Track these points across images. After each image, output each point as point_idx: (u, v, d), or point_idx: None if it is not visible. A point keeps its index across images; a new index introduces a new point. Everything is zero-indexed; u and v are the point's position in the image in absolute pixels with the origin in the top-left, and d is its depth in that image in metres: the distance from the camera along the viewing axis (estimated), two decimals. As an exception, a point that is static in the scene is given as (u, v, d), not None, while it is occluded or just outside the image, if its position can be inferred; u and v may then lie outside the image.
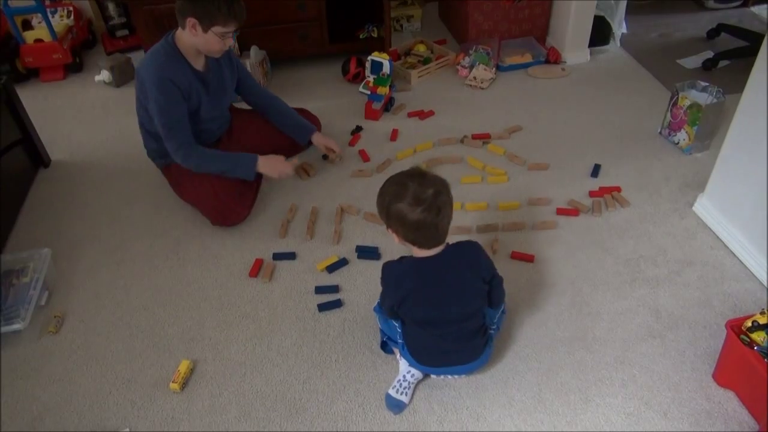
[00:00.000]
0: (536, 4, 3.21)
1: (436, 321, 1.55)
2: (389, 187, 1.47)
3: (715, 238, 2.12)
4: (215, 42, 2.01)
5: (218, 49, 2.06)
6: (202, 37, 1.99)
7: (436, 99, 2.96)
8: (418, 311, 1.54)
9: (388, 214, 1.45)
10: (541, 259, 2.06)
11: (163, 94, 2.03)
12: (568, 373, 1.71)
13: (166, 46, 2.06)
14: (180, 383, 1.70)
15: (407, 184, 1.42)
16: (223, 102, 2.30)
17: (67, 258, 2.16)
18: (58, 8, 3.39)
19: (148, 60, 2.07)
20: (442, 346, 1.60)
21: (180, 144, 2.12)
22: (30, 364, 1.81)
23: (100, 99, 3.11)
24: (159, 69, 2.02)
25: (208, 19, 1.94)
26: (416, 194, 1.40)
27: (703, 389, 1.66)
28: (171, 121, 2.08)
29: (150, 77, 2.03)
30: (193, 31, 1.98)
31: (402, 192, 1.41)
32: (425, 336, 1.58)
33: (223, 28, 1.97)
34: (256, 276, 2.05)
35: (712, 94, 2.45)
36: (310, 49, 3.17)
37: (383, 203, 1.46)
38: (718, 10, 3.77)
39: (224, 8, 1.93)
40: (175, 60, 2.06)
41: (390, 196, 1.44)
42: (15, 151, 2.45)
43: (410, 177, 1.44)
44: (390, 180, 1.49)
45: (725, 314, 1.84)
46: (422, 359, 1.62)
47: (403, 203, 1.41)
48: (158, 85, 2.02)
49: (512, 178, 2.43)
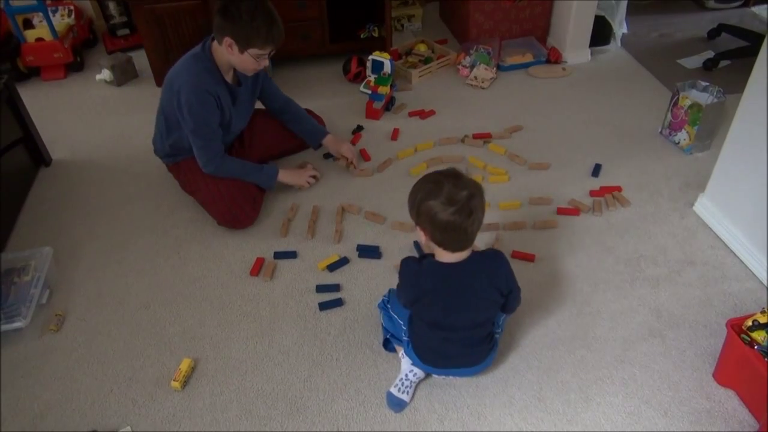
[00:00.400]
0: (537, 4, 3.22)
1: (446, 326, 1.55)
2: (423, 184, 1.44)
3: (715, 237, 2.13)
4: (250, 62, 2.01)
5: (252, 69, 2.06)
6: (238, 57, 1.99)
7: (437, 98, 2.96)
8: (429, 313, 1.53)
9: (419, 211, 1.43)
10: (542, 259, 2.07)
11: (201, 105, 2.03)
12: (568, 372, 1.71)
13: (203, 57, 2.04)
14: (181, 382, 1.70)
15: (442, 183, 1.39)
16: (245, 111, 2.31)
17: (69, 256, 2.16)
18: (59, 7, 3.39)
19: (183, 69, 2.05)
20: (448, 350, 1.60)
21: (213, 155, 2.13)
22: (31, 363, 1.81)
23: (101, 98, 3.11)
24: (197, 79, 2.01)
25: (246, 41, 1.93)
26: (450, 194, 1.38)
27: (703, 388, 1.66)
28: (206, 131, 2.09)
29: (187, 87, 2.01)
30: (229, 50, 1.98)
31: (436, 190, 1.39)
32: (432, 337, 1.58)
33: (260, 50, 1.97)
34: (257, 275, 2.05)
35: (713, 94, 2.45)
36: (311, 49, 3.17)
37: (415, 199, 1.43)
38: (718, 10, 3.77)
39: (263, 31, 1.92)
40: (211, 71, 2.05)
41: (423, 192, 1.41)
42: (16, 150, 2.45)
43: (446, 177, 1.42)
44: (425, 177, 1.47)
45: (726, 313, 1.84)
46: (426, 359, 1.62)
47: (435, 201, 1.38)
48: (197, 95, 2.01)
49: (513, 177, 2.43)
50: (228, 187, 2.18)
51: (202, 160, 2.15)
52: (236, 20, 1.91)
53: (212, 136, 2.11)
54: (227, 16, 1.91)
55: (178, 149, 2.25)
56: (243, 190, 2.21)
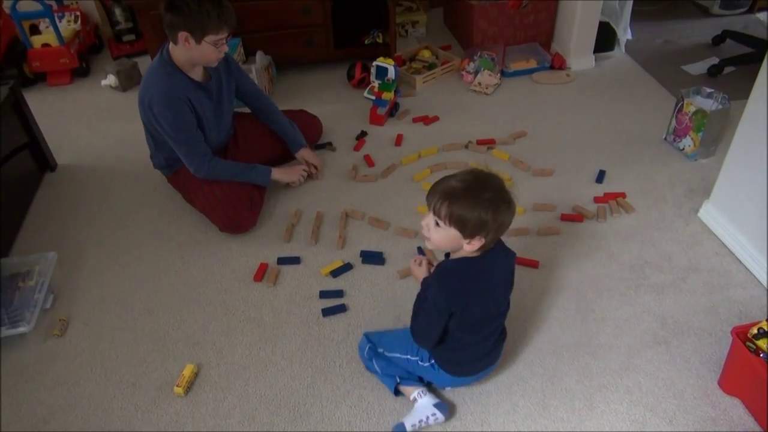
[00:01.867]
0: (541, 10, 3.22)
1: (486, 321, 1.54)
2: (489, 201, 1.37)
3: (720, 244, 2.12)
4: (210, 51, 2.00)
5: (214, 59, 2.05)
6: (197, 49, 1.98)
7: (441, 104, 2.96)
8: (476, 311, 1.49)
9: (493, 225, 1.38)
10: (546, 265, 2.06)
11: (172, 112, 2.03)
12: (572, 380, 1.71)
13: (163, 63, 2.04)
14: (184, 387, 1.70)
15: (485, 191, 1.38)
16: (227, 109, 2.30)
17: (73, 261, 2.17)
18: (66, 13, 3.42)
19: (148, 83, 2.06)
20: (483, 350, 1.59)
21: (198, 158, 2.13)
22: (35, 368, 1.82)
23: (106, 103, 3.12)
24: (162, 88, 2.02)
25: (200, 29, 1.93)
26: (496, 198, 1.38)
27: (708, 396, 1.65)
28: (186, 136, 2.09)
29: (155, 99, 2.02)
30: (186, 45, 1.97)
31: (495, 201, 1.38)
32: (470, 342, 1.55)
33: (216, 35, 1.97)
34: (260, 280, 2.05)
35: (718, 101, 2.45)
36: (316, 55, 3.18)
37: (483, 217, 1.36)
38: (723, 16, 3.77)
39: (214, 15, 1.92)
40: (175, 75, 2.05)
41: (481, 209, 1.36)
42: (22, 154, 2.46)
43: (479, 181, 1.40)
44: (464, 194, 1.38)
45: (731, 321, 1.83)
46: (460, 371, 1.61)
47: (502, 214, 1.38)
48: (166, 104, 2.02)
49: (517, 183, 2.43)
50: (224, 192, 2.18)
51: (192, 166, 2.15)
52: (185, 11, 1.90)
53: (193, 140, 2.11)
54: (175, 10, 1.91)
55: (172, 160, 2.26)
56: (239, 194, 2.21)
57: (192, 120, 2.09)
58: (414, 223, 2.24)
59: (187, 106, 2.05)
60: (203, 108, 2.14)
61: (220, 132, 2.29)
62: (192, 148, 2.12)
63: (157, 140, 2.22)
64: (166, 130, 2.07)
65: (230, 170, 2.22)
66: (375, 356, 1.68)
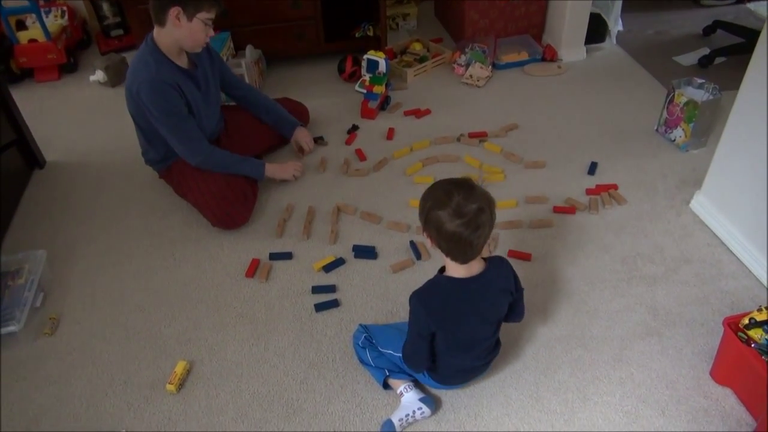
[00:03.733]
0: (532, 2, 3.21)
1: (473, 343, 1.55)
2: (434, 192, 1.41)
3: (712, 235, 2.12)
4: (199, 30, 2.00)
5: (202, 40, 2.04)
6: (187, 27, 1.97)
7: (433, 97, 2.95)
8: (455, 337, 1.51)
9: (427, 218, 1.40)
10: (539, 258, 2.06)
11: (161, 97, 2.01)
12: (565, 372, 1.71)
13: (149, 51, 2.03)
14: (176, 384, 1.69)
15: (453, 194, 1.36)
16: (213, 97, 2.28)
17: (63, 259, 2.15)
18: (52, 8, 3.38)
19: (135, 72, 2.04)
20: (473, 363, 1.60)
21: (193, 143, 2.12)
22: (25, 366, 1.80)
23: (95, 99, 3.10)
24: (150, 74, 1.99)
25: (194, 5, 1.94)
26: (459, 206, 1.34)
27: (700, 387, 1.66)
28: (178, 120, 2.07)
29: (144, 85, 2.00)
30: (176, 22, 1.96)
31: (445, 200, 1.36)
32: (457, 357, 1.56)
33: (208, 13, 1.98)
34: (252, 276, 2.04)
35: (709, 91, 2.45)
36: (306, 48, 3.16)
37: (424, 206, 1.41)
38: (713, 6, 3.78)
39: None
40: (162, 62, 2.03)
41: (432, 201, 1.39)
42: (9, 152, 2.44)
43: (458, 187, 1.38)
44: (437, 184, 1.44)
45: (722, 311, 1.84)
46: (450, 381, 1.63)
47: (443, 212, 1.35)
48: (155, 90, 2.00)
49: (509, 176, 2.42)
50: (218, 186, 2.17)
51: (186, 153, 2.13)
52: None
53: (186, 126, 2.09)
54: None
55: (165, 155, 2.24)
56: (233, 188, 2.20)
57: (182, 105, 2.07)
58: (406, 216, 2.24)
59: (176, 91, 2.03)
60: (193, 96, 2.12)
61: (210, 122, 2.27)
62: (185, 133, 2.10)
63: (148, 134, 2.20)
64: (157, 116, 2.04)
65: (225, 159, 2.21)
66: (369, 346, 1.69)
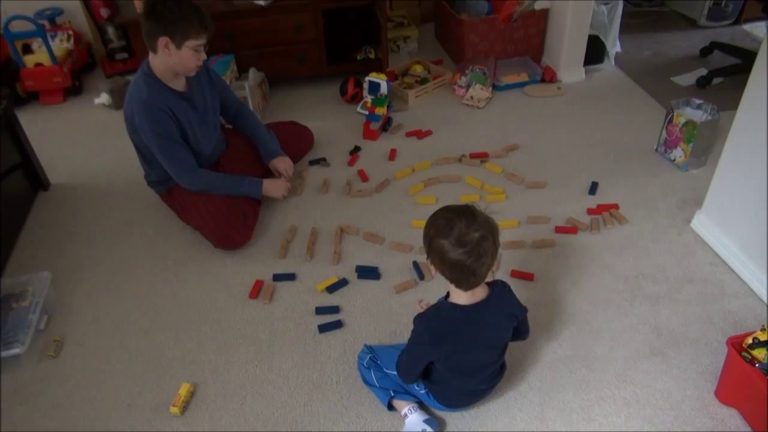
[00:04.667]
0: (531, 25, 3.25)
1: (478, 369, 1.56)
2: (437, 220, 1.41)
3: (713, 254, 2.13)
4: (190, 57, 2.02)
5: (194, 65, 2.06)
6: (177, 55, 2.00)
7: (434, 118, 2.98)
8: (459, 364, 1.51)
9: (430, 246, 1.40)
10: (541, 277, 2.07)
11: (153, 121, 2.04)
12: (569, 392, 1.70)
13: (143, 76, 2.06)
14: (180, 407, 1.69)
15: (455, 222, 1.36)
16: (211, 120, 2.30)
17: (67, 281, 2.15)
18: (58, 32, 3.42)
19: (130, 96, 2.08)
20: (478, 387, 1.61)
21: (182, 166, 2.14)
22: (29, 389, 1.80)
23: (99, 122, 3.12)
24: (143, 99, 2.03)
25: (181, 34, 1.96)
26: (461, 235, 1.35)
27: (705, 407, 1.65)
28: (167, 143, 2.09)
29: (137, 108, 2.04)
30: (166, 51, 1.99)
31: (447, 229, 1.36)
32: (459, 383, 1.57)
33: (196, 40, 1.99)
34: (256, 297, 2.05)
35: (707, 112, 2.47)
36: (308, 71, 3.20)
37: (428, 234, 1.41)
38: (710, 28, 3.82)
39: (195, 20, 1.96)
40: (155, 86, 2.06)
41: (435, 229, 1.39)
42: (15, 174, 2.46)
43: (460, 215, 1.38)
44: (440, 212, 1.44)
45: (726, 331, 1.84)
46: (455, 404, 1.63)
47: (445, 240, 1.36)
48: (147, 114, 2.03)
49: (510, 196, 2.44)
50: (217, 208, 2.19)
51: (175, 173, 2.16)
52: (166, 16, 1.94)
53: (175, 149, 2.11)
54: (156, 15, 1.95)
55: (166, 178, 2.26)
56: (233, 210, 2.21)
57: (173, 129, 2.09)
58: (409, 237, 2.25)
59: (167, 114, 2.05)
60: (188, 118, 2.14)
61: (208, 143, 2.28)
62: (174, 155, 2.12)
63: (147, 157, 2.23)
64: (147, 137, 2.08)
65: (218, 181, 2.23)
66: (374, 367, 1.68)
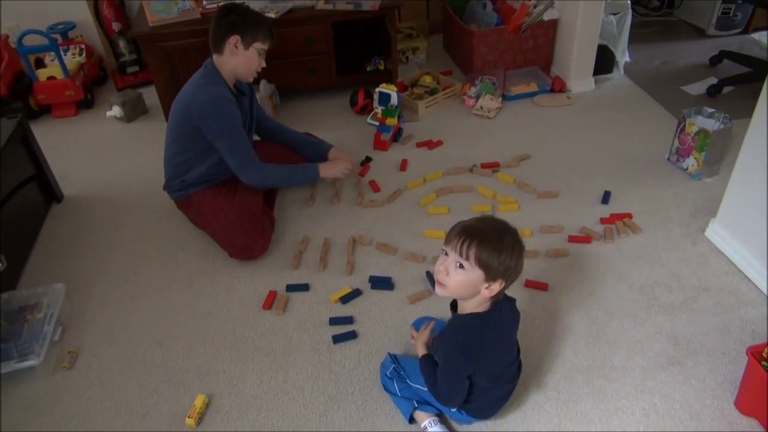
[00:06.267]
0: (540, 35, 3.27)
1: (510, 363, 1.57)
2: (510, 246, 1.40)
3: (728, 263, 2.12)
4: (254, 59, 2.19)
5: (255, 68, 2.23)
6: (243, 55, 2.17)
7: (444, 129, 2.99)
8: (495, 363, 1.52)
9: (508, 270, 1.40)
10: (555, 287, 2.06)
11: (227, 113, 2.13)
12: (587, 403, 1.69)
13: (209, 73, 2.18)
14: (196, 419, 1.68)
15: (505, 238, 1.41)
16: (251, 126, 2.43)
17: (81, 293, 2.16)
18: (71, 46, 3.46)
19: (197, 90, 2.15)
20: (507, 389, 1.61)
21: (248, 156, 2.22)
22: (44, 401, 1.80)
23: (111, 134, 3.15)
24: (213, 92, 2.12)
25: (251, 34, 2.15)
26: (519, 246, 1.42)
27: (725, 417, 1.64)
28: (239, 135, 2.18)
29: (209, 102, 2.11)
30: (234, 51, 2.15)
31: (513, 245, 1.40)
32: (495, 387, 1.57)
33: (263, 44, 2.20)
34: (269, 308, 2.05)
35: (719, 120, 2.47)
36: (319, 82, 3.22)
37: (509, 261, 1.39)
38: (719, 37, 3.82)
39: (265, 26, 2.19)
40: (222, 83, 2.18)
41: (517, 255, 1.41)
42: (29, 186, 2.47)
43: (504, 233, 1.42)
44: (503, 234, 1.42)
45: (744, 340, 1.83)
46: (486, 414, 1.63)
47: (522, 261, 1.43)
48: (221, 106, 2.12)
49: (523, 206, 2.44)
50: (236, 217, 2.20)
51: (241, 162, 2.20)
52: (241, 18, 2.14)
53: (244, 138, 2.22)
54: (232, 15, 2.14)
55: (189, 183, 2.27)
56: (251, 219, 2.23)
57: (239, 120, 2.19)
58: (422, 247, 2.24)
59: (234, 106, 2.17)
60: (244, 115, 2.28)
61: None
62: (245, 145, 2.21)
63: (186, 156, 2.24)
64: (220, 132, 2.14)
65: (280, 171, 2.33)
66: (397, 378, 1.67)
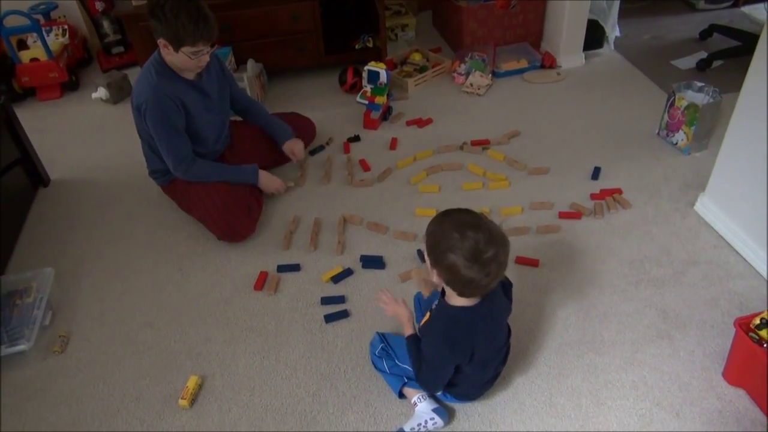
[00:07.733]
0: (530, 11, 3.23)
1: (498, 350, 1.57)
2: (448, 232, 1.32)
3: (717, 236, 2.13)
4: (188, 61, 2.01)
5: (193, 68, 2.07)
6: (176, 57, 2.01)
7: (434, 106, 2.97)
8: (479, 361, 1.51)
9: (438, 259, 1.33)
10: (546, 263, 2.07)
11: (159, 109, 2.04)
12: (578, 377, 1.71)
13: (155, 64, 2.07)
14: (189, 399, 1.69)
15: (468, 237, 1.29)
16: (220, 108, 2.31)
17: (71, 276, 2.15)
18: (53, 27, 3.39)
19: (140, 83, 2.09)
20: (493, 374, 1.62)
21: (181, 155, 2.14)
22: (36, 385, 1.80)
23: (97, 116, 3.11)
24: (153, 86, 2.03)
25: (176, 40, 1.95)
26: (476, 252, 1.29)
27: (713, 388, 1.66)
28: (169, 132, 2.09)
29: (145, 95, 2.04)
30: (166, 51, 2.01)
31: (460, 244, 1.29)
32: (479, 378, 1.58)
33: (192, 47, 1.97)
34: (261, 289, 2.04)
35: (709, 94, 2.47)
36: (307, 61, 3.18)
37: (437, 248, 1.33)
38: (709, 11, 3.80)
39: (189, 29, 1.92)
40: (166, 75, 2.07)
41: (446, 244, 1.31)
42: (14, 171, 2.44)
43: (474, 229, 1.30)
44: (450, 221, 1.35)
45: (732, 312, 1.84)
46: (468, 396, 1.64)
47: (459, 258, 1.29)
48: (155, 101, 2.03)
49: (513, 183, 2.43)
50: (221, 199, 2.18)
51: (171, 162, 2.16)
52: (162, 20, 1.92)
53: (175, 135, 2.11)
54: (155, 18, 1.93)
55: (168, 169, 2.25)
56: (236, 200, 2.21)
57: (178, 117, 2.09)
58: (412, 226, 2.24)
59: (174, 103, 2.06)
60: (196, 107, 2.15)
61: (212, 130, 2.28)
62: (172, 143, 2.12)
63: (153, 146, 2.21)
64: (149, 124, 2.07)
65: (214, 170, 2.23)
66: (386, 357, 1.68)
